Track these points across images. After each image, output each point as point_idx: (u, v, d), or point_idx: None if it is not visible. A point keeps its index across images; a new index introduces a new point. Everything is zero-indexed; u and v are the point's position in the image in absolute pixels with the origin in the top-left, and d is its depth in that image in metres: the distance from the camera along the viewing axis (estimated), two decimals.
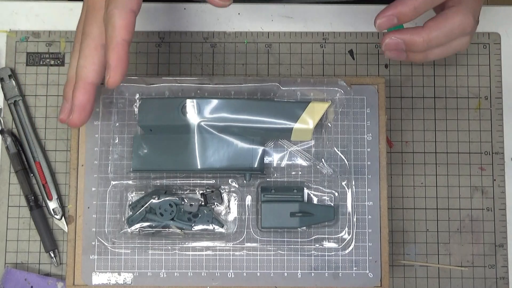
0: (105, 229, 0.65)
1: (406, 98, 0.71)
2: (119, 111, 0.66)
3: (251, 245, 0.65)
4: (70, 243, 0.65)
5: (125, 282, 0.65)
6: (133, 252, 0.65)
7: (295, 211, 0.64)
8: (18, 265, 0.68)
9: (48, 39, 0.72)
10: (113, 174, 0.65)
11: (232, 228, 0.65)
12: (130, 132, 0.66)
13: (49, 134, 0.70)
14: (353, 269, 0.65)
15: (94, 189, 0.65)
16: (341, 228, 0.65)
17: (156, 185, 0.66)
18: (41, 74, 0.71)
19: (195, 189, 0.66)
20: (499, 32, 0.72)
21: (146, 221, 0.64)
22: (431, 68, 0.72)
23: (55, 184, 0.69)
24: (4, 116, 0.70)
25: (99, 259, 0.65)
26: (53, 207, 0.68)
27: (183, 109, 0.63)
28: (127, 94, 0.66)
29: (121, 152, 0.66)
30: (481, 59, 0.72)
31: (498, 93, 0.71)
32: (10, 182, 0.70)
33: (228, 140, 0.62)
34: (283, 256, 0.65)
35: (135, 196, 0.66)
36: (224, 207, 0.66)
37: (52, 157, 0.70)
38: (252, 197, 0.65)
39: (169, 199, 0.64)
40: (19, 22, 0.72)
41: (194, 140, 0.62)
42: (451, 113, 0.71)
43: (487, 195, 0.70)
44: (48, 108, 0.71)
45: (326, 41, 0.72)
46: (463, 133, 0.71)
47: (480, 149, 0.71)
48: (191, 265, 0.65)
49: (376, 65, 0.72)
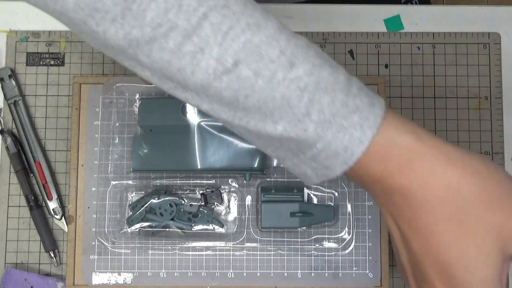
0: (105, 229, 0.65)
1: (406, 98, 0.71)
2: (119, 111, 0.66)
3: (251, 245, 0.65)
4: (70, 243, 0.65)
5: (125, 282, 0.65)
6: (133, 252, 0.65)
7: (295, 211, 0.64)
8: (18, 265, 0.68)
9: (48, 39, 0.72)
10: (113, 174, 0.65)
11: (232, 228, 0.65)
12: (130, 132, 0.66)
13: (49, 134, 0.70)
14: (353, 269, 0.65)
15: (94, 189, 0.65)
16: (341, 228, 0.65)
17: (156, 185, 0.66)
18: (41, 74, 0.71)
19: (195, 189, 0.66)
20: (499, 32, 0.72)
21: (146, 221, 0.64)
22: (431, 68, 0.72)
23: (55, 184, 0.69)
24: (4, 116, 0.70)
25: (99, 259, 0.65)
26: (53, 207, 0.68)
27: (183, 109, 0.63)
28: (127, 94, 0.66)
29: (121, 152, 0.66)
30: (481, 59, 0.72)
31: (498, 93, 0.71)
32: (10, 182, 0.70)
33: (228, 140, 0.62)
34: (283, 256, 0.65)
35: (135, 196, 0.66)
36: (224, 207, 0.66)
37: (52, 157, 0.70)
38: (252, 197, 0.65)
39: (169, 199, 0.64)
40: (19, 22, 0.72)
41: (194, 140, 0.62)
42: (451, 113, 0.71)
43: None
44: (48, 108, 0.71)
45: (326, 41, 0.72)
46: (463, 133, 0.71)
47: (480, 149, 0.71)
48: (191, 265, 0.65)
49: (376, 65, 0.72)
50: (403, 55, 0.72)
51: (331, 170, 0.45)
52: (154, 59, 0.43)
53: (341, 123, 0.43)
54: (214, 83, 0.43)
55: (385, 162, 0.44)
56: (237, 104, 0.44)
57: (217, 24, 0.42)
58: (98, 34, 0.43)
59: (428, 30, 0.72)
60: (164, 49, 0.43)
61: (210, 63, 0.42)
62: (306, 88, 0.43)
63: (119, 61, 0.46)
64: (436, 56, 0.72)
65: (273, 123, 0.44)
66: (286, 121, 0.43)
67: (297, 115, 0.43)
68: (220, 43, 0.42)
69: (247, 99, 0.43)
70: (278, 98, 0.43)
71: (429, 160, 0.44)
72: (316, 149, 0.44)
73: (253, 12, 0.43)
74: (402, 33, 0.72)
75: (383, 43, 0.72)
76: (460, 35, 0.72)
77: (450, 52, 0.72)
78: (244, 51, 0.42)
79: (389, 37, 0.72)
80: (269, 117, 0.44)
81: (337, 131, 0.43)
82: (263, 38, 0.43)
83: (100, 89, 0.67)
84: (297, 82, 0.43)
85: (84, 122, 0.67)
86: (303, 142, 0.44)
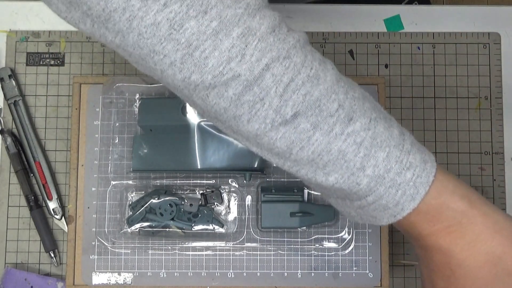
0: (105, 229, 0.65)
1: (406, 98, 0.71)
2: (119, 111, 0.66)
3: (251, 245, 0.65)
4: (70, 243, 0.65)
5: (125, 282, 0.65)
6: (133, 252, 0.65)
7: (295, 211, 0.64)
8: (18, 265, 0.68)
9: (48, 39, 0.72)
10: (113, 174, 0.65)
11: (232, 228, 0.65)
12: (130, 132, 0.66)
13: (49, 134, 0.70)
14: (353, 269, 0.65)
15: (94, 189, 0.65)
16: (341, 228, 0.65)
17: (156, 185, 0.66)
18: (41, 74, 0.71)
19: (195, 189, 0.66)
20: (499, 32, 0.72)
21: (146, 221, 0.64)
22: (431, 68, 0.72)
23: (55, 184, 0.69)
24: (4, 116, 0.70)
25: (99, 259, 0.65)
26: (53, 207, 0.68)
27: (183, 109, 0.63)
28: (127, 94, 0.66)
29: (121, 152, 0.66)
30: (481, 59, 0.72)
31: (498, 93, 0.71)
32: (10, 182, 0.70)
33: (228, 140, 0.62)
34: (283, 256, 0.65)
35: (135, 196, 0.66)
36: (224, 207, 0.66)
37: (52, 157, 0.70)
38: (252, 197, 0.65)
39: (169, 199, 0.64)
40: (19, 22, 0.72)
41: (194, 140, 0.62)
42: (451, 113, 0.71)
43: (487, 195, 0.70)
44: (48, 108, 0.71)
45: (326, 41, 0.72)
46: (463, 133, 0.71)
47: (480, 149, 0.71)
48: (191, 265, 0.65)
49: (376, 65, 0.72)
50: (403, 55, 0.72)
51: (378, 220, 0.46)
52: (210, 104, 0.43)
53: (395, 179, 0.44)
54: (270, 133, 0.43)
55: (434, 222, 0.45)
56: (289, 156, 0.44)
57: (279, 76, 0.42)
58: (156, 72, 0.43)
59: (428, 30, 0.72)
60: (222, 97, 0.42)
61: (269, 113, 0.43)
62: (363, 143, 0.44)
63: (171, 90, 0.46)
64: (436, 56, 0.72)
65: (325, 175, 0.45)
66: (339, 174, 0.44)
67: (351, 169, 0.44)
68: (281, 94, 0.42)
69: (301, 151, 0.44)
70: (334, 152, 0.43)
71: (478, 227, 0.45)
72: (366, 201, 0.45)
73: (312, 63, 0.43)
74: (402, 33, 0.72)
75: (383, 43, 0.72)
76: (460, 35, 0.72)
77: (450, 52, 0.72)
78: (304, 103, 0.43)
79: (389, 37, 0.72)
80: (321, 169, 0.44)
81: (389, 187, 0.44)
82: (322, 91, 0.43)
83: (100, 89, 0.67)
84: (354, 136, 0.43)
85: (84, 122, 0.67)
86: (354, 194, 0.45)
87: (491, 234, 0.45)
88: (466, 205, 0.45)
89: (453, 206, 0.45)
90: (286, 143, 0.44)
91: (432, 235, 0.45)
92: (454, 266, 0.45)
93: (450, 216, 0.45)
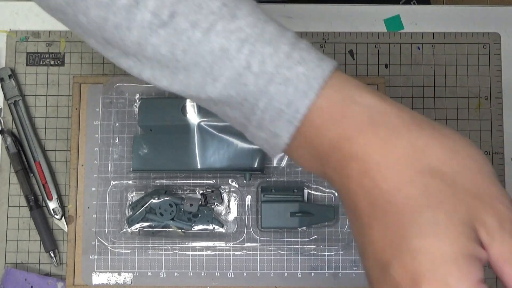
0: (105, 229, 0.65)
1: (406, 98, 0.71)
2: (119, 111, 0.66)
3: (251, 245, 0.65)
4: (70, 243, 0.65)
5: (125, 282, 0.65)
6: (133, 252, 0.65)
7: (295, 211, 0.64)
8: (18, 265, 0.68)
9: (48, 39, 0.72)
10: (113, 174, 0.65)
11: (232, 228, 0.65)
12: (130, 132, 0.66)
13: (49, 134, 0.70)
14: (353, 269, 0.65)
15: (94, 189, 0.66)
16: (341, 228, 0.65)
17: (156, 185, 0.66)
18: (41, 74, 0.71)
19: (195, 189, 0.66)
20: (499, 32, 0.72)
21: (146, 221, 0.64)
22: (431, 68, 0.72)
23: (55, 184, 0.69)
24: (4, 116, 0.70)
25: (99, 259, 0.65)
26: (53, 207, 0.68)
27: (183, 109, 0.63)
28: (127, 94, 0.66)
29: (121, 152, 0.66)
30: (481, 59, 0.72)
31: (498, 93, 0.71)
32: (10, 182, 0.70)
33: (228, 140, 0.62)
34: (283, 256, 0.65)
35: (135, 196, 0.66)
36: (224, 207, 0.66)
37: (52, 157, 0.70)
38: (252, 197, 0.65)
39: (169, 199, 0.64)
40: (19, 22, 0.72)
41: (194, 140, 0.62)
42: (451, 113, 0.71)
43: None
44: (48, 108, 0.71)
45: (326, 41, 0.72)
46: (463, 133, 0.71)
47: (480, 149, 0.71)
48: (191, 265, 0.65)
49: (376, 65, 0.72)
50: (403, 55, 0.72)
51: (279, 138, 0.40)
52: (92, 18, 0.41)
53: (284, 74, 0.39)
54: (150, 39, 0.40)
55: (342, 123, 0.39)
56: (176, 64, 0.41)
57: None
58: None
59: (428, 30, 0.72)
60: (100, 4, 0.40)
61: (146, 16, 0.40)
62: (248, 39, 0.40)
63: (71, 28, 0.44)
64: (436, 56, 0.72)
65: (213, 80, 0.40)
66: (225, 76, 0.40)
67: (236, 69, 0.39)
68: None
69: (185, 55, 0.40)
70: (216, 50, 0.40)
71: (393, 121, 0.38)
72: (259, 109, 0.40)
73: None
74: (402, 33, 0.72)
75: (383, 43, 0.72)
76: (460, 35, 0.72)
77: (450, 52, 0.72)
78: (182, 2, 0.40)
79: (389, 37, 0.72)
80: (209, 75, 0.40)
81: (279, 83, 0.39)
82: None
83: (100, 89, 0.67)
84: (237, 33, 0.40)
85: (84, 122, 0.67)
86: (245, 101, 0.40)
87: (408, 127, 0.38)
88: (376, 99, 0.39)
89: (360, 100, 0.39)
90: (169, 48, 0.40)
91: (344, 142, 0.38)
92: (373, 172, 0.38)
93: (359, 112, 0.38)
